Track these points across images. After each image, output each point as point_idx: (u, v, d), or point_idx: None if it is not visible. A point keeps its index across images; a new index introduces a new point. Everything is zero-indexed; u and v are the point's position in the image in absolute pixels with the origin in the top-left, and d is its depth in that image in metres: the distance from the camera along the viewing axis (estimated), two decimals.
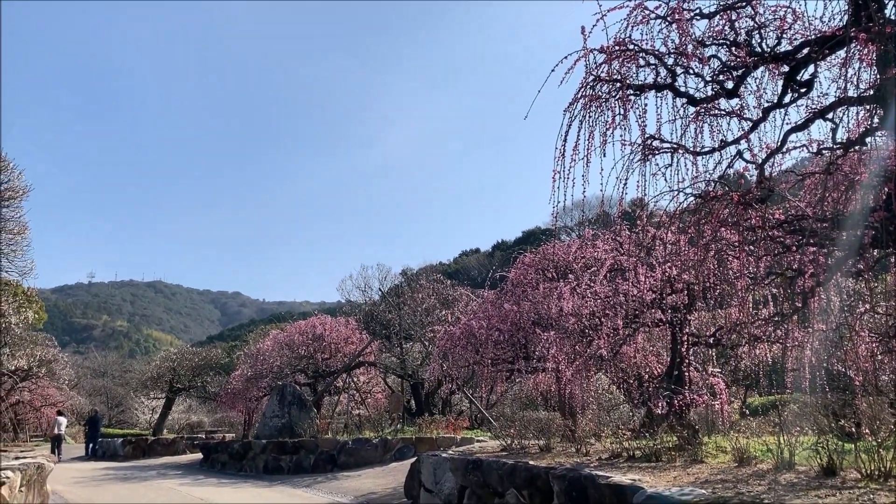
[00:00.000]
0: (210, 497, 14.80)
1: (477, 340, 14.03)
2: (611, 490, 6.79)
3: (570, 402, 11.98)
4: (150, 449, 30.80)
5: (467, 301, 25.27)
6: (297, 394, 24.08)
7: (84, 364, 59.00)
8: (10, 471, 8.42)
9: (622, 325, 10.07)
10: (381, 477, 16.85)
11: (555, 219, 7.03)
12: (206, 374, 36.80)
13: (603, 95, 6.68)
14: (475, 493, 10.35)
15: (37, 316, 29.70)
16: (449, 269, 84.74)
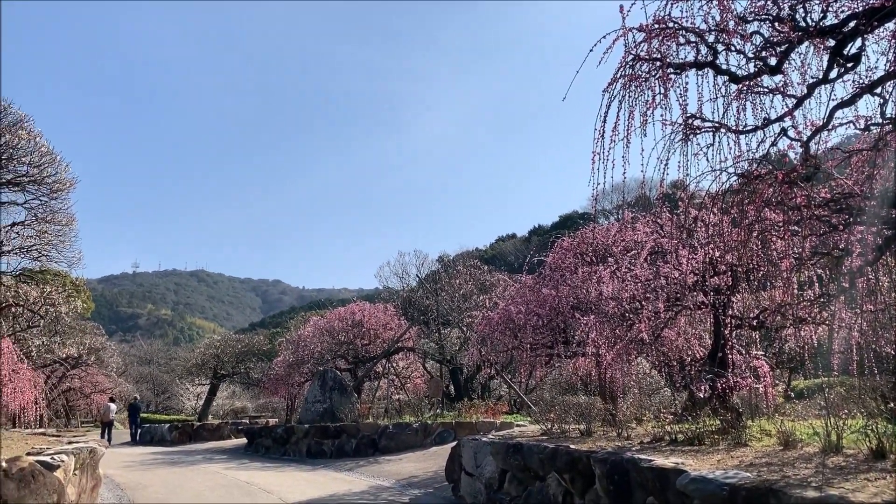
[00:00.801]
0: (255, 480, 15.10)
1: (515, 325, 14.02)
2: (653, 473, 6.75)
3: (610, 387, 11.92)
4: (196, 434, 31.49)
5: (505, 286, 25.23)
6: (337, 379, 24.38)
7: (130, 352, 60.46)
8: (65, 455, 8.69)
9: (663, 309, 9.97)
10: (421, 461, 17.00)
11: (594, 201, 6.98)
12: (248, 361, 37.45)
13: (642, 75, 6.58)
14: (516, 477, 10.39)
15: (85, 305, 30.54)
16: (485, 254, 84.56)
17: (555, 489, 9.20)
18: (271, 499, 12.41)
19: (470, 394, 25.93)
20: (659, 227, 11.36)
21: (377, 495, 12.85)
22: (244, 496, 12.76)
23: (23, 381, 15.77)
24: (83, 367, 32.60)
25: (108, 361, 36.89)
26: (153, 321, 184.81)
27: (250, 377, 37.57)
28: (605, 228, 13.89)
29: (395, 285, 33.67)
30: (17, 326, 19.09)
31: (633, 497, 7.21)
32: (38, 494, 7.78)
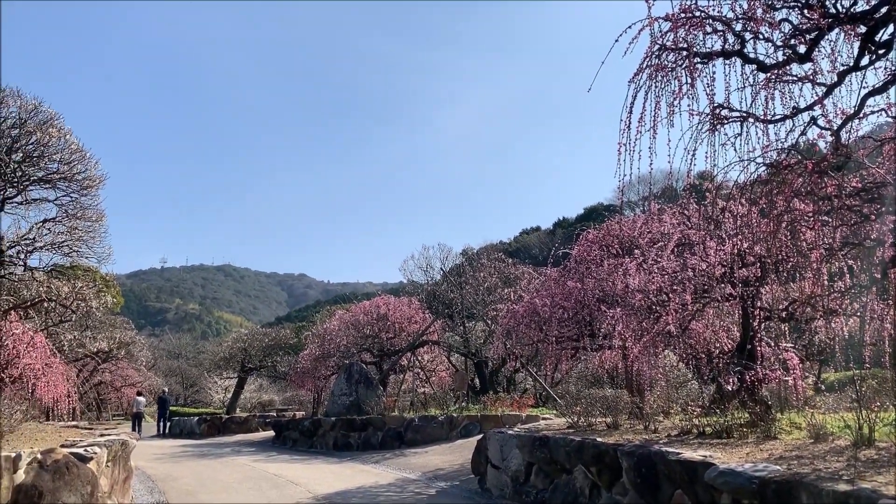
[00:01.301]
0: (283, 473, 15.25)
1: (541, 318, 13.98)
2: (681, 466, 6.71)
3: (637, 380, 11.85)
4: (225, 427, 31.85)
5: (530, 279, 25.16)
6: (363, 372, 24.51)
7: (159, 346, 61.27)
8: (98, 447, 8.84)
9: (691, 301, 9.87)
10: (447, 453, 17.05)
11: (621, 192, 6.92)
12: (275, 354, 37.76)
13: (669, 64, 6.51)
14: (542, 470, 10.38)
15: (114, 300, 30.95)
16: (509, 247, 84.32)
17: (581, 482, 9.19)
18: (299, 491, 12.53)
19: (495, 387, 25.93)
20: (686, 219, 11.25)
21: (404, 488, 12.91)
22: (272, 488, 12.90)
23: (56, 375, 16.05)
24: (113, 361, 33.14)
25: (137, 355, 37.46)
26: (181, 315, 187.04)
27: (277, 370, 37.91)
28: (632, 220, 13.79)
29: (420, 279, 33.72)
30: (50, 321, 19.45)
31: (661, 490, 7.18)
32: (72, 486, 7.93)
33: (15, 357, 14.44)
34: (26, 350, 14.76)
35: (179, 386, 55.52)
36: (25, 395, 15.15)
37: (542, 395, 24.26)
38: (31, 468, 7.66)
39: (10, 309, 13.82)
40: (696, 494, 6.48)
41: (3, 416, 9.75)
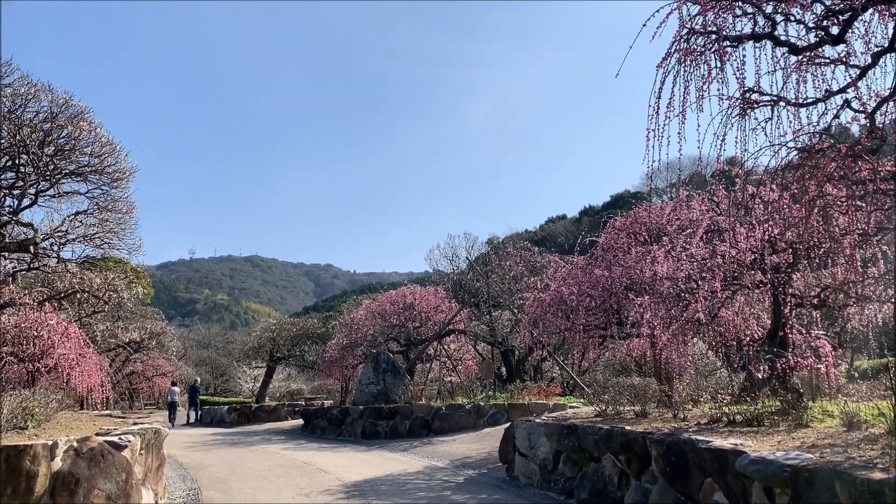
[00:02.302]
0: (313, 460, 15.41)
1: (567, 307, 13.93)
2: (711, 454, 6.66)
3: (665, 368, 11.78)
4: (254, 416, 32.24)
5: (556, 267, 25.06)
6: (390, 361, 24.65)
7: (189, 336, 62.05)
8: (132, 435, 9.00)
9: (720, 288, 9.76)
10: (474, 442, 17.10)
11: (649, 178, 6.84)
12: (303, 344, 38.11)
13: (697, 48, 6.41)
14: (570, 458, 10.38)
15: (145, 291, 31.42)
16: (535, 236, 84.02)
17: (610, 470, 9.17)
18: (329, 478, 12.66)
19: (522, 376, 25.91)
20: (715, 205, 11.11)
21: (432, 475, 12.99)
22: (302, 476, 13.05)
23: (89, 365, 16.36)
24: (145, 351, 33.68)
25: (168, 345, 38.02)
26: (210, 306, 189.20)
27: (305, 360, 38.27)
28: (659, 207, 13.66)
29: (446, 268, 33.77)
30: (83, 312, 19.82)
31: (691, 478, 7.14)
32: (107, 473, 8.09)
33: (50, 347, 14.73)
34: (61, 340, 15.05)
35: (209, 375, 56.26)
36: (60, 385, 15.47)
37: (569, 384, 24.20)
38: (68, 456, 7.82)
39: (45, 300, 14.10)
40: (726, 483, 6.43)
41: (39, 405, 9.94)
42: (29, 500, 7.31)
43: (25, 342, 14.34)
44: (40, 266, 10.99)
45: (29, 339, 14.32)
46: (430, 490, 11.31)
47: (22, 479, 7.25)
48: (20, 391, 11.36)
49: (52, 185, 9.56)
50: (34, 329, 14.32)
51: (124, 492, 8.27)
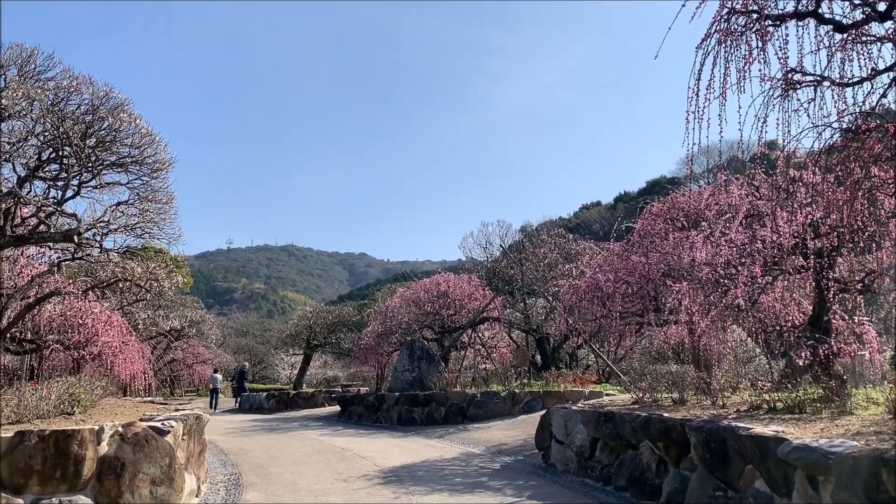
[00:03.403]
0: (350, 446, 15.58)
1: (604, 294, 13.83)
2: (752, 441, 6.57)
3: (704, 355, 11.64)
4: (292, 402, 32.67)
5: (591, 254, 24.88)
6: (425, 348, 24.76)
7: (228, 324, 62.94)
8: (174, 421, 9.18)
9: (760, 274, 9.60)
10: (510, 429, 17.13)
11: (689, 162, 6.73)
12: (339, 331, 38.46)
13: (738, 29, 6.26)
14: (608, 445, 10.34)
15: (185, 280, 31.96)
16: (569, 223, 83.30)
17: (648, 457, 9.12)
18: (366, 464, 12.78)
19: (557, 363, 25.83)
20: (755, 189, 10.91)
21: (468, 462, 13.04)
22: (340, 461, 13.20)
23: (132, 352, 16.73)
24: (185, 339, 34.26)
25: (207, 333, 38.65)
26: (247, 295, 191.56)
27: (341, 347, 38.63)
28: (697, 192, 13.45)
29: (479, 256, 33.73)
30: (125, 301, 20.24)
31: (731, 465, 7.06)
32: (151, 458, 8.27)
33: (94, 335, 15.09)
34: (104, 328, 15.41)
35: (248, 363, 57.12)
36: (104, 372, 15.84)
37: (604, 372, 24.06)
38: (114, 441, 8.01)
39: (89, 289, 14.44)
40: (768, 470, 6.34)
41: (85, 392, 10.20)
42: (77, 484, 7.52)
43: (70, 330, 14.71)
44: (83, 256, 11.22)
45: (74, 328, 14.68)
46: (467, 476, 11.36)
47: (70, 462, 7.45)
48: (66, 378, 11.67)
49: (94, 176, 9.74)
50: (79, 317, 14.67)
51: (168, 476, 8.45)
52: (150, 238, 10.84)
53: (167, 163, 10.30)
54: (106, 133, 9.64)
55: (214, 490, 10.56)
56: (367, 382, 36.97)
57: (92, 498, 7.62)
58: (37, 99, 9.23)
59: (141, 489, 8.06)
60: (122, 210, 9.99)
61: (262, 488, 10.61)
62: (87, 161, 9.44)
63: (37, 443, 7.32)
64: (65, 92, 9.57)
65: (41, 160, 9.82)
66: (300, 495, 9.93)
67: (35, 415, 8.69)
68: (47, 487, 7.33)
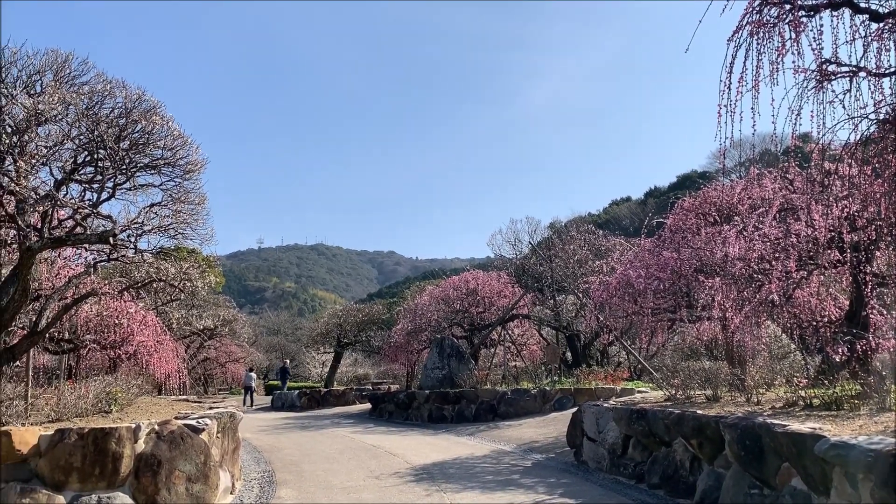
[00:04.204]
0: (381, 444, 15.65)
1: (635, 290, 13.69)
2: (789, 438, 6.47)
3: (738, 351, 11.49)
4: (324, 400, 32.92)
5: (622, 250, 24.66)
6: (455, 346, 24.78)
7: (259, 323, 63.52)
8: (209, 419, 9.30)
9: (795, 268, 9.45)
10: (541, 426, 17.08)
11: (721, 156, 6.64)
12: (369, 329, 38.67)
13: (771, 20, 6.16)
14: (640, 443, 10.26)
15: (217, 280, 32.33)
16: (599, 219, 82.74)
17: (682, 455, 9.03)
18: (397, 461, 12.84)
19: (588, 360, 25.68)
20: (788, 183, 10.73)
21: (499, 459, 13.03)
22: (371, 459, 13.27)
23: (166, 351, 16.99)
24: (218, 338, 34.69)
25: (239, 332, 39.07)
26: (278, 293, 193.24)
27: (371, 345, 38.83)
28: (730, 186, 13.26)
29: (508, 253, 33.62)
30: (159, 301, 20.55)
31: (766, 463, 6.96)
32: (187, 455, 8.40)
33: (130, 335, 15.35)
34: (139, 328, 15.68)
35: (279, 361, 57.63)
36: (140, 371, 16.11)
37: (636, 369, 23.86)
38: (150, 438, 8.15)
39: (124, 290, 14.68)
40: (805, 468, 6.24)
41: (121, 391, 10.38)
42: (115, 481, 7.66)
43: (107, 330, 14.98)
44: (119, 257, 11.38)
45: (110, 327, 14.95)
46: (499, 474, 11.35)
47: (108, 460, 7.59)
48: (103, 377, 11.89)
49: (128, 178, 9.87)
50: (115, 317, 14.94)
51: (203, 473, 8.57)
52: (182, 239, 10.94)
53: (199, 164, 10.40)
54: (139, 136, 9.76)
55: (248, 487, 10.69)
56: (398, 380, 37.11)
57: (130, 495, 7.76)
58: (72, 103, 9.39)
59: (177, 486, 8.19)
60: (155, 211, 10.10)
61: (295, 485, 10.71)
62: (121, 164, 9.57)
63: (76, 440, 7.47)
64: (99, 96, 9.71)
65: (76, 163, 9.98)
66: (333, 493, 10.01)
67: (74, 413, 8.87)
68: (87, 484, 7.48)
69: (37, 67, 9.72)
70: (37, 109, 8.99)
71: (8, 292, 9.36)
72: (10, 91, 9.37)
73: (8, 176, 8.80)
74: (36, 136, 9.29)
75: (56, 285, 11.92)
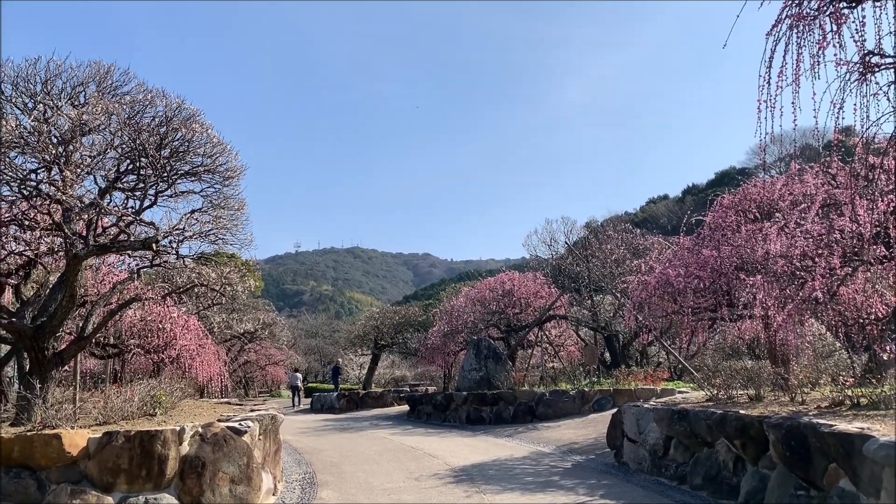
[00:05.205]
0: (420, 445, 15.70)
1: (674, 289, 13.52)
2: (835, 439, 6.35)
3: (781, 350, 11.29)
4: (362, 402, 33.14)
5: (660, 249, 24.39)
6: (491, 347, 24.74)
7: (298, 326, 64.18)
8: (251, 421, 9.44)
9: (839, 265, 9.24)
10: (580, 428, 16.97)
11: (762, 152, 6.53)
12: (405, 331, 38.82)
13: (811, 13, 6.03)
14: (682, 443, 10.13)
15: (256, 284, 32.81)
16: (636, 217, 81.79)
17: (724, 455, 8.90)
18: (437, 463, 12.87)
19: (627, 361, 25.46)
20: (831, 178, 10.50)
21: (539, 461, 12.98)
22: (411, 460, 13.32)
23: (208, 355, 17.28)
24: (258, 341, 35.15)
25: (278, 335, 39.54)
26: (315, 297, 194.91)
27: (408, 347, 38.99)
28: (770, 182, 13.03)
29: (544, 253, 33.46)
30: (200, 305, 20.89)
31: (813, 463, 6.82)
32: (230, 457, 8.53)
33: (172, 339, 15.64)
34: (182, 332, 15.97)
35: (318, 363, 58.19)
36: (182, 374, 16.41)
37: (676, 369, 23.60)
38: (194, 441, 8.30)
39: (167, 295, 14.95)
40: (853, 469, 6.11)
41: (165, 394, 10.58)
42: (161, 482, 7.82)
43: (150, 335, 15.28)
44: (161, 263, 11.62)
45: (153, 332, 15.25)
46: (538, 475, 11.31)
47: (154, 462, 7.75)
48: (147, 381, 12.13)
49: (169, 185, 10.07)
50: (158, 322, 15.23)
51: (246, 475, 8.70)
52: (223, 244, 11.10)
53: (238, 170, 10.56)
54: (179, 143, 9.95)
55: (290, 488, 10.81)
56: (434, 382, 37.17)
57: (175, 496, 7.92)
58: (114, 113, 9.61)
59: (221, 488, 8.33)
60: (196, 217, 10.28)
61: (336, 486, 10.80)
62: (162, 171, 9.77)
63: (123, 443, 7.65)
64: (140, 105, 9.93)
65: (119, 172, 10.21)
66: (373, 494, 10.07)
67: (120, 416, 9.07)
68: (134, 486, 7.65)
69: (80, 79, 9.99)
70: (81, 120, 9.24)
71: (56, 299, 9.62)
72: (55, 103, 9.64)
73: (55, 185, 9.04)
74: (80, 145, 9.53)
75: (101, 291, 12.21)
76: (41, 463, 7.42)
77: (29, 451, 7.41)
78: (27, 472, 7.39)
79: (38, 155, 8.98)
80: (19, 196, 9.51)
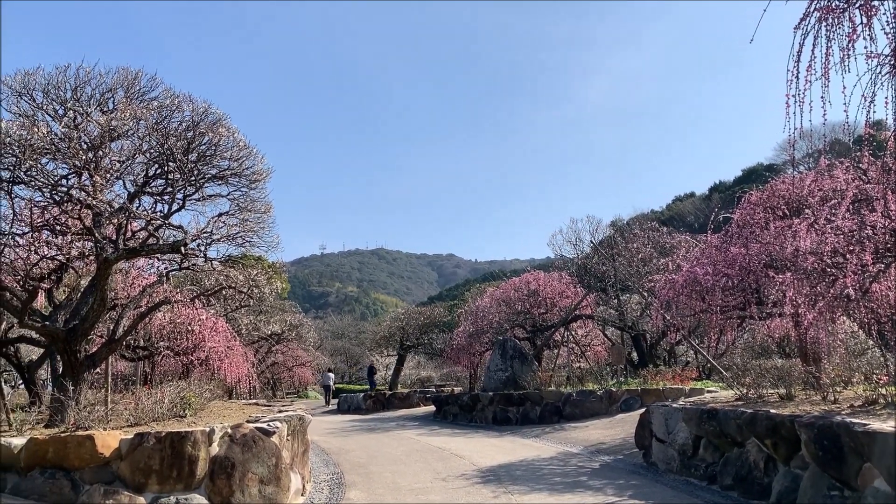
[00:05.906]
0: (447, 446, 15.71)
1: (702, 287, 13.37)
2: (870, 438, 6.24)
3: (812, 348, 11.11)
4: (388, 402, 33.24)
5: (687, 247, 24.13)
6: (517, 347, 24.67)
7: (324, 327, 64.46)
8: (279, 422, 9.52)
9: (871, 261, 9.07)
10: (608, 428, 16.86)
11: (791, 147, 6.45)
12: (431, 332, 38.83)
13: (840, 5, 5.94)
14: (711, 443, 10.03)
15: (283, 286, 33.07)
16: (662, 216, 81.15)
17: (755, 455, 8.79)
18: (463, 463, 12.86)
19: (654, 360, 25.22)
20: (862, 173, 10.32)
21: (566, 461, 12.92)
22: (438, 461, 13.33)
23: (237, 356, 17.45)
24: (285, 343, 35.41)
25: (305, 337, 39.77)
26: (341, 298, 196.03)
27: (433, 347, 38.99)
28: (799, 178, 12.83)
29: (569, 253, 33.21)
30: (228, 307, 21.11)
31: (846, 463, 6.72)
32: (259, 458, 8.60)
33: (201, 341, 15.82)
34: (210, 334, 16.14)
35: (344, 364, 58.45)
36: (211, 376, 16.59)
37: (705, 368, 23.31)
38: (224, 441, 8.38)
39: (195, 297, 15.15)
40: (888, 468, 6.01)
41: (195, 395, 10.69)
42: (192, 483, 7.91)
43: (179, 337, 15.47)
44: (190, 266, 11.76)
45: (182, 334, 15.44)
46: (566, 476, 11.26)
47: (185, 462, 7.84)
48: (177, 382, 12.28)
49: (197, 189, 10.19)
50: (187, 324, 15.42)
51: (275, 475, 8.77)
52: (250, 246, 11.21)
53: (264, 173, 10.65)
54: (206, 147, 10.06)
55: (318, 489, 10.88)
56: (460, 382, 37.16)
57: (206, 496, 8.00)
58: (142, 118, 9.75)
59: (250, 488, 8.40)
60: (223, 220, 10.39)
61: (363, 487, 10.84)
62: (189, 175, 9.89)
63: (154, 444, 7.75)
64: (167, 110, 10.07)
65: (148, 176, 10.36)
66: (401, 494, 10.10)
67: (150, 417, 9.19)
68: (165, 486, 7.74)
69: (109, 85, 10.15)
70: (110, 126, 9.38)
71: (87, 302, 9.79)
72: (85, 109, 9.80)
73: (85, 191, 9.19)
74: (110, 151, 9.69)
75: (131, 294, 12.39)
76: (75, 464, 7.54)
77: (63, 452, 7.54)
78: (61, 473, 7.51)
79: (69, 161, 9.13)
80: (51, 201, 9.70)
